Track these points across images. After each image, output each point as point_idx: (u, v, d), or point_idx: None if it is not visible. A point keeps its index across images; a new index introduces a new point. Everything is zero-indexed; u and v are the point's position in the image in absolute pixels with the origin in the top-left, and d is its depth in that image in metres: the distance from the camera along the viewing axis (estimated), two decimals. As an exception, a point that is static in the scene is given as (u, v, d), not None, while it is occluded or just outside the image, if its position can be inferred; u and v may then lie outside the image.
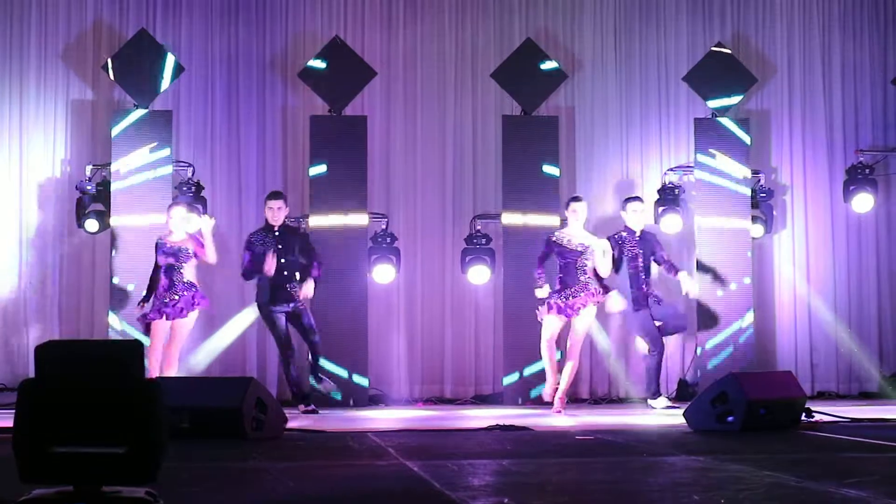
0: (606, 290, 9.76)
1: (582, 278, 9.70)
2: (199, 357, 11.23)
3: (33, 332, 11.35)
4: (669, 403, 10.26)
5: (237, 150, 11.88)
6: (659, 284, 10.77)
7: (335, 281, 10.92)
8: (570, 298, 9.65)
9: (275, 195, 10.22)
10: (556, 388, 9.79)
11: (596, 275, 9.69)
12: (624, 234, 10.38)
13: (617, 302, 9.89)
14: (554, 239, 9.91)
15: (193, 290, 9.87)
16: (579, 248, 9.77)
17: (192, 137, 11.78)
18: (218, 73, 11.91)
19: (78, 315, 11.49)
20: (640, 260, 10.30)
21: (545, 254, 9.91)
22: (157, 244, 9.94)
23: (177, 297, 9.77)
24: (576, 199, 10.08)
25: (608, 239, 10.07)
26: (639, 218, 10.44)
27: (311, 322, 10.09)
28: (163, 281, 9.83)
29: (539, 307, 9.80)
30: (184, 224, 10.04)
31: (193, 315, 9.90)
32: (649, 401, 10.28)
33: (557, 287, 9.75)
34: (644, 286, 10.27)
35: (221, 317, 11.43)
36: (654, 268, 10.47)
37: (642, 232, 10.44)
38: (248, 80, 11.94)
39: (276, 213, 10.03)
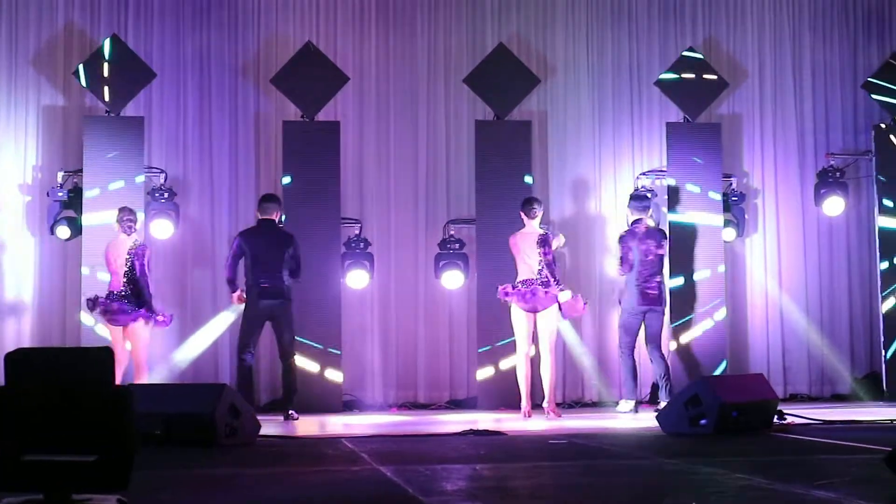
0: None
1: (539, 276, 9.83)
2: (171, 363, 11.19)
3: (6, 340, 11.25)
4: (631, 408, 10.29)
5: (209, 155, 11.84)
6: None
7: (309, 287, 10.90)
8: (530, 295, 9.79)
9: (268, 198, 10.25)
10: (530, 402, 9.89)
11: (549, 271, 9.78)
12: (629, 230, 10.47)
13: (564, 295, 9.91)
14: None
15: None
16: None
17: (164, 143, 11.73)
18: (190, 77, 11.87)
19: (51, 319, 11.41)
20: (648, 255, 10.35)
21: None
22: (143, 251, 9.87)
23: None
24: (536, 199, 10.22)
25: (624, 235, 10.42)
26: (637, 214, 10.50)
27: (289, 333, 10.02)
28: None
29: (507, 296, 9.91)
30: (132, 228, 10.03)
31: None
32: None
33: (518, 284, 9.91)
34: (642, 281, 10.31)
35: (196, 322, 11.39)
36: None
37: (647, 228, 10.48)
38: (221, 86, 11.91)
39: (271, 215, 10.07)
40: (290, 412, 9.84)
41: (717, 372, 11.20)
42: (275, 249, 9.95)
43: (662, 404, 9.95)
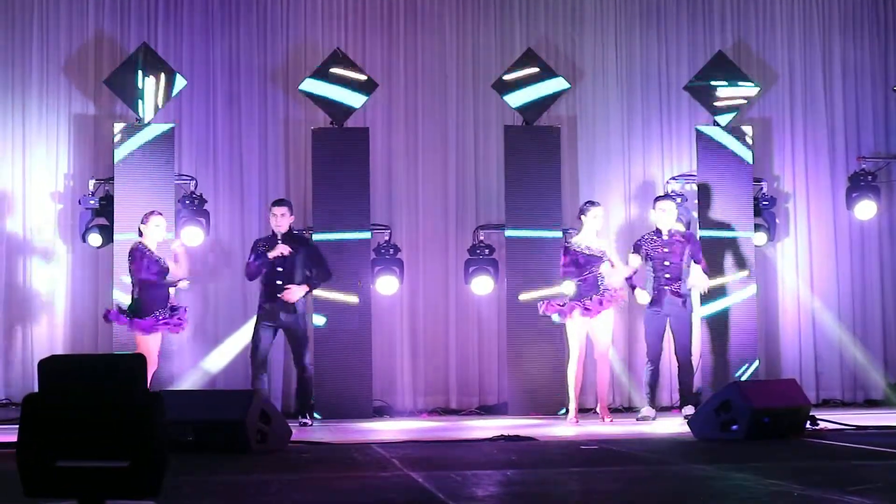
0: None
1: (601, 284, 9.90)
2: (200, 371, 11.23)
3: (39, 346, 11.33)
4: (654, 414, 10.20)
5: (239, 162, 11.88)
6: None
7: (338, 293, 10.95)
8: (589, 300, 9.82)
9: (278, 202, 10.23)
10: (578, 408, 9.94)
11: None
12: (652, 234, 10.35)
13: (642, 295, 10.06)
14: (572, 247, 10.02)
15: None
16: (598, 254, 9.95)
17: (195, 150, 11.78)
18: (219, 85, 11.92)
19: (83, 326, 11.47)
20: (667, 260, 10.15)
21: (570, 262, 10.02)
22: (152, 258, 9.84)
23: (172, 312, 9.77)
24: (593, 203, 10.19)
25: (639, 240, 10.34)
26: (662, 217, 10.27)
27: (302, 346, 9.94)
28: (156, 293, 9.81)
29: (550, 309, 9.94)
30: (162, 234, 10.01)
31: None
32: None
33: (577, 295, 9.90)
34: (660, 287, 10.14)
35: (225, 329, 11.44)
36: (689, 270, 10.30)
37: (670, 232, 10.24)
38: (250, 93, 11.95)
39: (280, 220, 9.98)
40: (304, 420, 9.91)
41: (748, 377, 11.14)
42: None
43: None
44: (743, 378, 11.08)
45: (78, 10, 11.81)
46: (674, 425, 9.28)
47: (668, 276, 10.15)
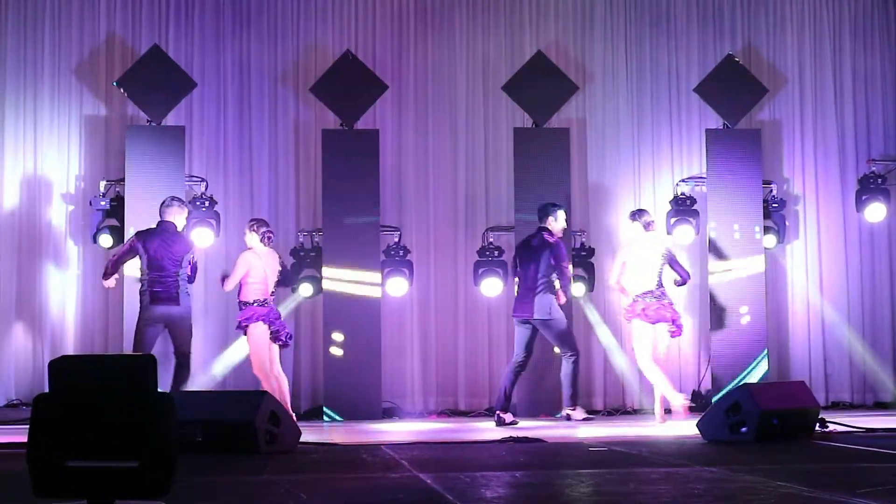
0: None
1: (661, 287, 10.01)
2: (215, 370, 11.25)
3: (49, 347, 11.37)
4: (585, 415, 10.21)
5: (249, 164, 11.91)
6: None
7: (348, 294, 11.00)
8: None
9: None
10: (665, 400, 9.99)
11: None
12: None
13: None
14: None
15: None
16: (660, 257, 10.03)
17: (205, 152, 11.82)
18: (230, 87, 11.95)
19: (94, 327, 11.51)
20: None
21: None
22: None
23: None
24: (642, 212, 10.27)
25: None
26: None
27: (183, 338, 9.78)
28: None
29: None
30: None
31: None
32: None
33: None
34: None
35: (234, 331, 11.44)
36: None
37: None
38: (260, 94, 11.98)
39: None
40: None
41: (757, 379, 11.13)
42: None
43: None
44: (751, 371, 11.13)
45: (90, 12, 11.85)
46: (683, 427, 9.27)
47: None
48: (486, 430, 9.38)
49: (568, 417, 10.10)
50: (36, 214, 11.61)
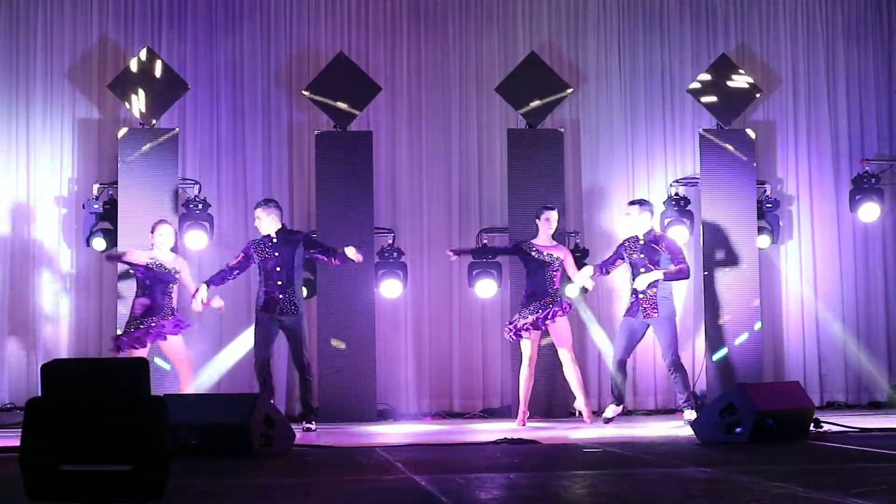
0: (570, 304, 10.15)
1: (551, 290, 9.91)
2: (208, 374, 11.24)
3: (42, 351, 11.36)
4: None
5: (243, 166, 11.91)
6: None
7: (342, 296, 10.99)
8: (541, 311, 9.75)
9: (259, 203, 10.14)
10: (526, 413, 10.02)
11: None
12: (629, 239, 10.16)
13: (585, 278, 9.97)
14: (524, 247, 10.08)
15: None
16: (547, 259, 9.96)
17: (198, 154, 11.81)
18: (223, 89, 11.94)
19: (87, 331, 11.50)
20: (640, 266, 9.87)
21: (506, 250, 10.34)
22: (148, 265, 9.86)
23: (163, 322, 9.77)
24: (549, 207, 10.14)
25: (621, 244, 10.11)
26: (633, 222, 10.02)
27: (301, 347, 9.82)
28: (145, 302, 9.82)
29: (511, 332, 10.00)
30: (170, 242, 10.00)
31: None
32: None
33: (524, 300, 9.97)
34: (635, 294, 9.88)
35: (230, 333, 11.44)
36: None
37: (645, 236, 9.95)
38: (253, 96, 11.98)
39: (262, 223, 9.94)
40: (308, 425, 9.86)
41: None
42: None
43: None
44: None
45: (82, 15, 11.84)
46: (677, 428, 9.27)
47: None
48: (481, 431, 9.38)
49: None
50: (29, 218, 11.58)
